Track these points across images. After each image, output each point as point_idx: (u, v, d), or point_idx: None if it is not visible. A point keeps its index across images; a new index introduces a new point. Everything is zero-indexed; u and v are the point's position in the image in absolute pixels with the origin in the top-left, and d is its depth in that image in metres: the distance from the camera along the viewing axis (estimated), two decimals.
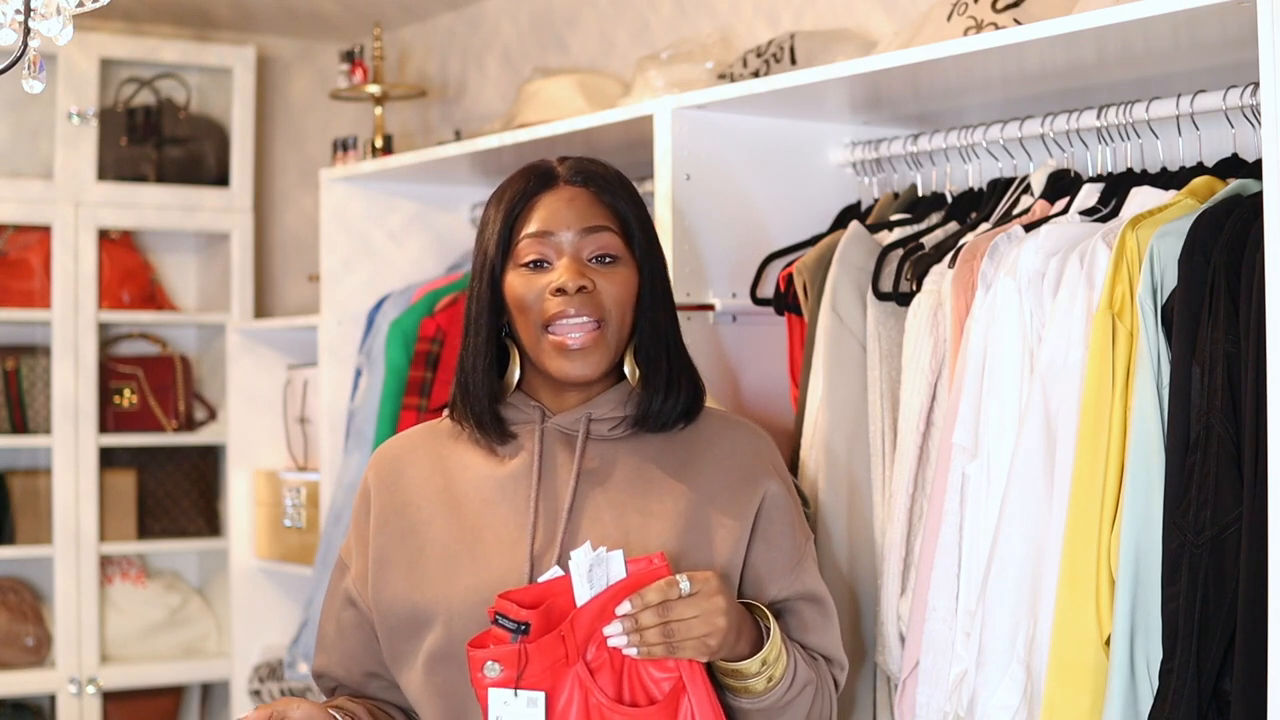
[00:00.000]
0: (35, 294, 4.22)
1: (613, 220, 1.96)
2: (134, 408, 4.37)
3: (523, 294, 1.93)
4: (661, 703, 1.80)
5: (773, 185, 2.85)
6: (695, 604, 1.77)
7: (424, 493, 1.98)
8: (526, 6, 4.22)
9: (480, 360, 1.97)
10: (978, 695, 2.17)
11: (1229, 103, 2.26)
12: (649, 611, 1.77)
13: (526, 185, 1.97)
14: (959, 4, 2.58)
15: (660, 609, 1.77)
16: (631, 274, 1.96)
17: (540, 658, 1.76)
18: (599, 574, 1.76)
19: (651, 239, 2.00)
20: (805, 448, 2.55)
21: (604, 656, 1.79)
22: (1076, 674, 2.06)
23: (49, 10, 1.71)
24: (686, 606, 1.77)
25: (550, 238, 1.94)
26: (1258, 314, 1.93)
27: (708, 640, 1.78)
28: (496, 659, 1.75)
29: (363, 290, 3.81)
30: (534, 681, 1.76)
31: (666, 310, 2.00)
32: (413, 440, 2.05)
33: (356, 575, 2.00)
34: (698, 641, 1.78)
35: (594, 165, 2.00)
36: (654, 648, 1.77)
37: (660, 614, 1.77)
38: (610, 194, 1.98)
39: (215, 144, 4.44)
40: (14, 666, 4.13)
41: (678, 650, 1.78)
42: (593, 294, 1.92)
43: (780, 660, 1.88)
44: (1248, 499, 1.94)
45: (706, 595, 1.78)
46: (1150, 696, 2.01)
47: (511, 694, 1.76)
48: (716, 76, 3.18)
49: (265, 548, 4.19)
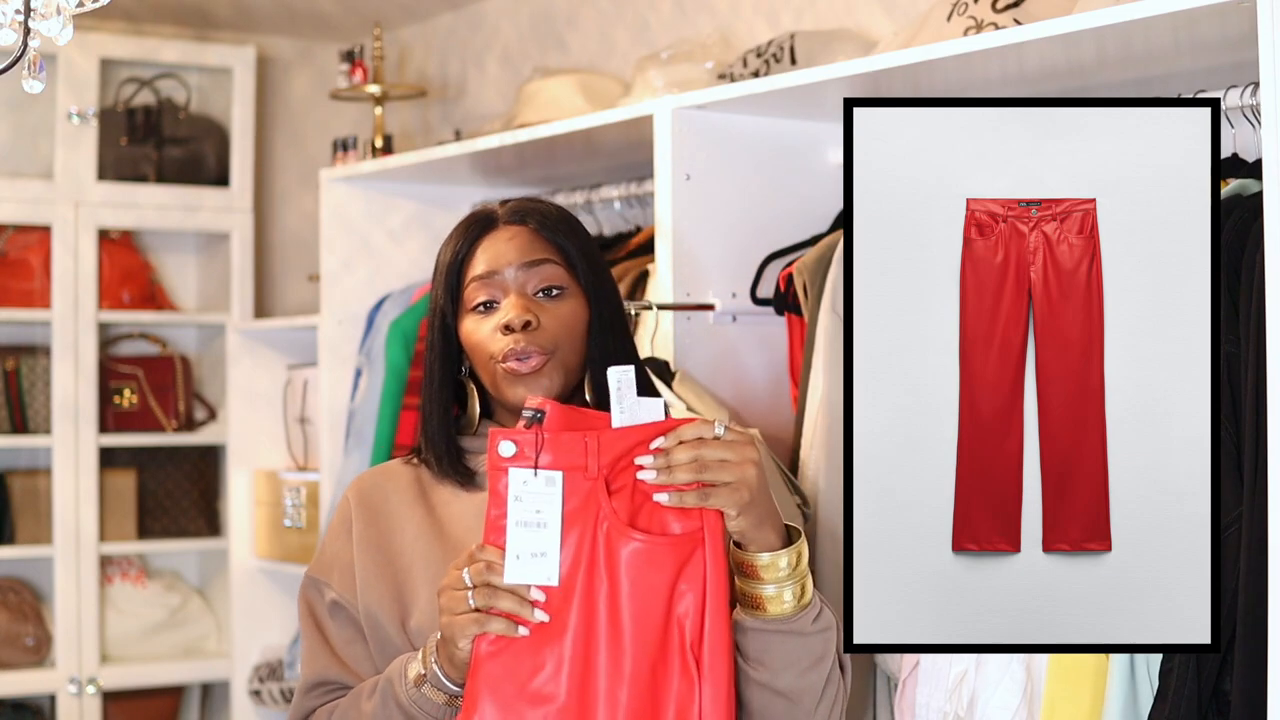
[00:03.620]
0: (35, 294, 4.21)
1: (554, 253, 1.98)
2: (134, 408, 4.37)
3: (477, 338, 1.96)
4: (676, 537, 1.77)
5: (773, 185, 2.86)
6: (729, 447, 1.75)
7: (409, 518, 1.99)
8: (526, 6, 4.22)
9: (437, 407, 2.01)
10: (978, 695, 2.17)
11: (1229, 103, 2.26)
12: (682, 447, 1.75)
13: (468, 231, 2.01)
14: (959, 4, 2.58)
15: (695, 444, 1.75)
16: (579, 304, 1.98)
17: (560, 451, 1.76)
18: (629, 399, 1.75)
19: (597, 268, 2.01)
20: (805, 448, 2.55)
21: (627, 488, 1.77)
22: (1076, 674, 2.06)
23: (49, 10, 1.71)
24: (721, 448, 1.75)
25: (495, 277, 1.96)
26: (1258, 314, 1.93)
27: (738, 491, 1.75)
28: (513, 439, 1.76)
29: (363, 290, 3.81)
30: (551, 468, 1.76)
31: (619, 336, 2.01)
32: (393, 471, 2.06)
33: (340, 585, 1.99)
34: (728, 490, 1.75)
35: (533, 203, 2.03)
36: (685, 490, 1.74)
37: (694, 448, 1.74)
38: (549, 229, 1.99)
39: (215, 144, 4.44)
40: (14, 666, 4.13)
41: (708, 497, 1.75)
42: (539, 330, 1.94)
43: (804, 578, 1.83)
44: (1248, 499, 1.94)
45: (742, 444, 1.76)
46: (1150, 696, 2.02)
47: (531, 473, 1.75)
48: (716, 76, 3.18)
49: (265, 548, 4.19)
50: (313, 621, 2.02)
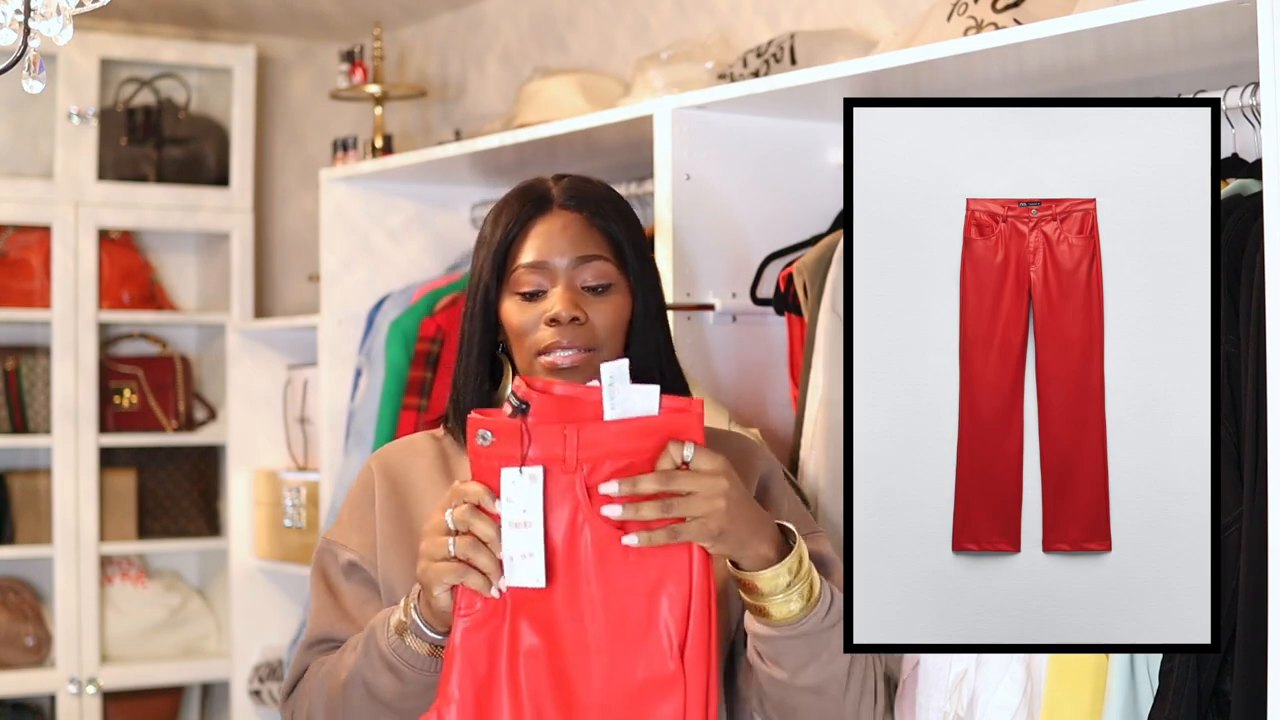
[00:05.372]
0: (35, 294, 4.22)
1: (606, 247, 1.97)
2: (134, 408, 4.37)
3: (519, 322, 1.95)
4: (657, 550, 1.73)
5: (773, 185, 2.85)
6: (697, 480, 1.72)
7: (430, 491, 1.98)
8: (526, 6, 4.22)
9: (472, 380, 1.99)
10: (977, 695, 2.17)
11: (1229, 103, 2.26)
12: (649, 480, 1.71)
13: (521, 210, 1.98)
14: (959, 4, 2.58)
15: (661, 477, 1.71)
16: (625, 299, 1.97)
17: (539, 443, 1.71)
18: (620, 392, 1.71)
19: (645, 258, 2.01)
20: (805, 447, 2.55)
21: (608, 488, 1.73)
22: (1076, 674, 2.06)
23: (49, 10, 1.71)
24: (688, 480, 1.71)
25: (544, 267, 1.95)
26: (1258, 314, 1.93)
27: (707, 523, 1.71)
28: (490, 428, 1.71)
29: (363, 290, 3.81)
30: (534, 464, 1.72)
31: (660, 328, 2.01)
32: (416, 444, 2.06)
33: (360, 548, 1.98)
34: (697, 524, 1.71)
35: (587, 186, 2.01)
36: (653, 530, 1.71)
37: (660, 482, 1.71)
38: (603, 218, 1.98)
39: (215, 144, 4.44)
40: (14, 666, 4.13)
41: (678, 534, 1.71)
42: (585, 325, 1.93)
43: (809, 579, 1.81)
44: (1247, 499, 1.94)
45: (710, 473, 1.72)
46: (1150, 696, 2.02)
47: (518, 472, 1.71)
48: (716, 76, 3.18)
49: (265, 548, 4.19)
50: (324, 583, 2.00)
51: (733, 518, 1.73)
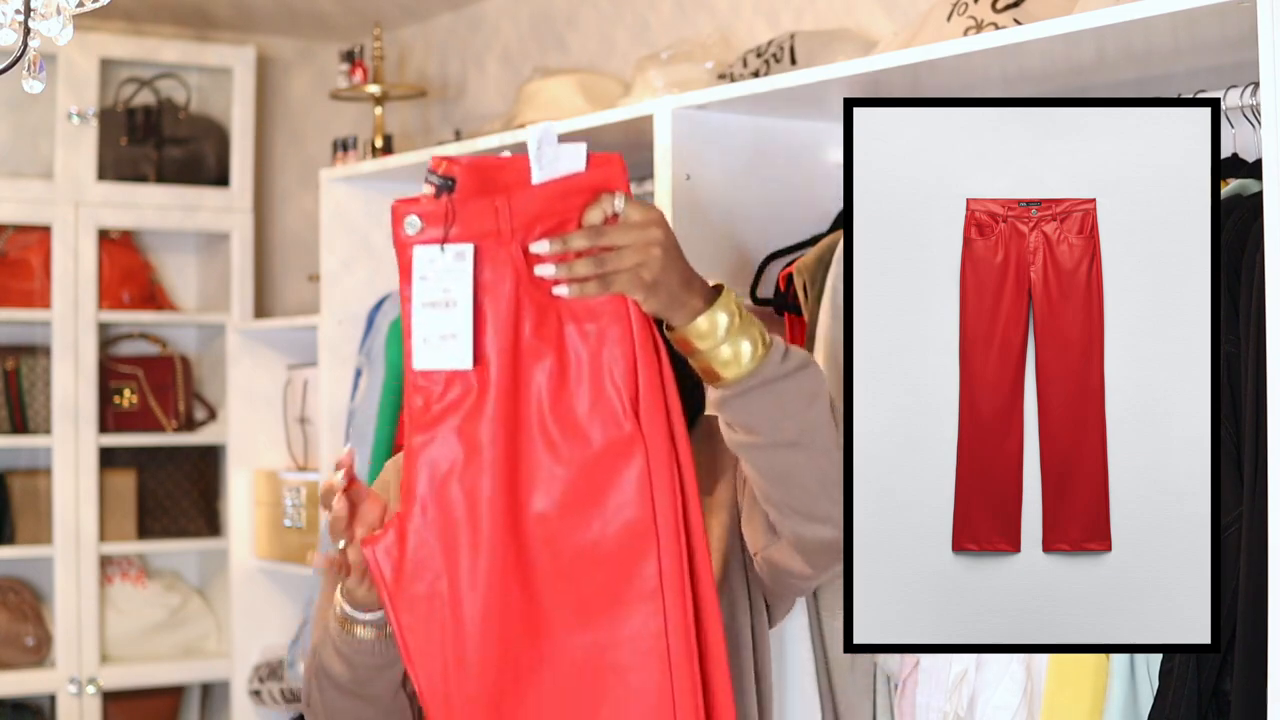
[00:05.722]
0: (35, 294, 4.22)
1: None
2: (134, 408, 4.37)
3: None
4: (599, 306, 1.68)
5: (773, 185, 2.85)
6: (628, 230, 1.67)
7: None
8: (526, 6, 4.22)
9: None
10: (977, 695, 2.17)
11: (1229, 103, 2.26)
12: (579, 235, 1.67)
13: None
14: (959, 4, 2.58)
15: (591, 231, 1.67)
16: None
17: (469, 221, 1.64)
18: (549, 154, 1.65)
19: None
20: None
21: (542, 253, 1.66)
22: (1076, 674, 2.06)
23: (49, 10, 1.71)
24: (620, 231, 1.67)
25: None
26: (1258, 314, 1.93)
27: (640, 273, 1.67)
28: (419, 213, 1.65)
29: (363, 290, 3.81)
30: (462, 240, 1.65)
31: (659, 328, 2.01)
32: None
33: None
34: (629, 274, 1.67)
35: None
36: (585, 283, 1.66)
37: (590, 236, 1.67)
38: None
39: (215, 144, 4.44)
40: (14, 666, 4.13)
41: (610, 284, 1.67)
42: None
43: (753, 328, 1.75)
44: (1247, 499, 1.94)
45: (643, 223, 1.68)
46: (1150, 696, 2.02)
47: (438, 250, 1.65)
48: (716, 76, 3.18)
49: (265, 548, 4.19)
50: None
51: (665, 268, 1.69)
